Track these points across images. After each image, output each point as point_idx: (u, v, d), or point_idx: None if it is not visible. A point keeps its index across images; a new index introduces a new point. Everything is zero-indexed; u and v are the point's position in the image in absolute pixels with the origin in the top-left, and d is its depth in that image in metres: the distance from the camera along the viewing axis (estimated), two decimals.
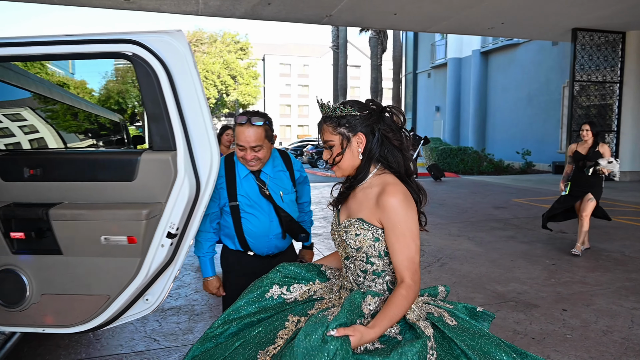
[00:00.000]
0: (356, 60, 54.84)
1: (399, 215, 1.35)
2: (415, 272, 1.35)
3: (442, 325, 1.34)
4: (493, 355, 1.28)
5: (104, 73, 30.93)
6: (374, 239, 1.41)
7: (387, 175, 1.46)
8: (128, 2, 10.86)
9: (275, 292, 1.53)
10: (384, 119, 1.47)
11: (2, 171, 1.98)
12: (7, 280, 1.99)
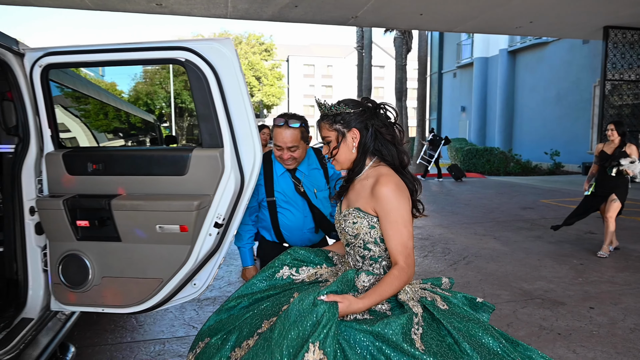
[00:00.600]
0: (380, 61, 54.62)
1: (391, 203, 1.46)
2: (409, 256, 1.45)
3: (432, 307, 1.43)
4: (480, 338, 1.36)
5: (133, 75, 31.83)
6: (369, 227, 1.51)
7: (381, 167, 1.57)
8: (160, 7, 11.24)
9: (285, 272, 1.67)
10: (377, 116, 1.59)
11: (68, 166, 2.21)
12: (71, 264, 2.22)
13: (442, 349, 1.32)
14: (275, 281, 1.65)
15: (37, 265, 2.30)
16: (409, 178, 1.58)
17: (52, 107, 2.27)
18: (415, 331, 1.35)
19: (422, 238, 6.28)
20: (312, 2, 10.31)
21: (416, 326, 1.37)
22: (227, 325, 1.55)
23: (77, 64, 2.18)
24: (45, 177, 2.25)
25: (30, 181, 2.24)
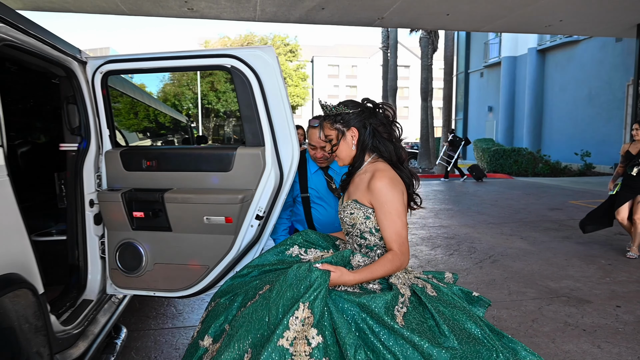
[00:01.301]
0: (405, 60, 54.28)
1: (386, 196, 1.58)
2: (403, 244, 1.57)
3: (420, 292, 1.55)
4: (462, 324, 1.46)
5: (161, 77, 32.72)
6: (365, 217, 1.64)
7: (379, 163, 1.70)
8: (192, 11, 11.63)
9: (295, 251, 1.82)
10: (376, 115, 1.72)
11: (125, 163, 2.45)
12: (127, 251, 2.45)
13: (421, 328, 1.42)
14: (284, 257, 1.81)
15: (96, 253, 2.55)
16: (405, 173, 1.71)
17: (110, 110, 2.51)
18: (398, 309, 1.47)
19: (448, 237, 6.35)
20: (339, 4, 10.47)
21: (400, 305, 1.48)
22: (236, 288, 1.72)
23: (133, 70, 2.42)
24: (104, 172, 2.49)
25: (90, 176, 2.49)
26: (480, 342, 1.40)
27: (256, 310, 1.46)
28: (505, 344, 1.48)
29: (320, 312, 1.38)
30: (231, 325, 1.49)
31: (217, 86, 29.20)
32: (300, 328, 1.34)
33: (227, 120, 33.49)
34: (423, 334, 1.38)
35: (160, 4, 10.85)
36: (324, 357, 1.32)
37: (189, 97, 30.30)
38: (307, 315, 1.36)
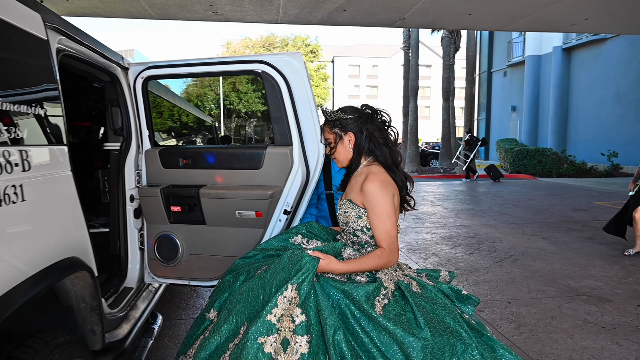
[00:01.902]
0: (427, 60, 53.82)
1: (376, 198, 1.68)
2: (392, 243, 1.67)
3: (405, 288, 1.66)
4: (441, 318, 1.54)
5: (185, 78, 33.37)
6: (357, 217, 1.75)
7: (373, 166, 1.81)
8: (216, 15, 11.92)
9: (298, 240, 1.96)
10: (373, 121, 1.84)
11: (163, 161, 2.64)
12: (165, 243, 2.65)
13: (399, 319, 1.52)
14: (288, 244, 1.95)
15: (135, 244, 2.75)
16: (399, 176, 1.82)
17: (149, 112, 2.71)
18: (379, 299, 1.58)
19: (469, 236, 6.39)
20: (360, 6, 10.58)
21: (382, 296, 1.59)
22: (240, 268, 1.88)
23: (171, 75, 2.61)
24: (144, 170, 2.69)
25: (131, 173, 2.70)
26: (458, 336, 1.48)
27: (252, 288, 1.61)
28: (484, 342, 1.58)
29: (306, 294, 1.52)
30: (231, 301, 1.65)
31: (239, 87, 29.63)
32: (287, 307, 1.49)
33: (248, 121, 33.91)
34: (399, 323, 1.49)
35: (186, 8, 11.17)
36: (305, 334, 1.46)
37: (211, 98, 30.87)
38: (294, 296, 1.51)
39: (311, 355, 1.43)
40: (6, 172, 1.25)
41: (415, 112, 19.61)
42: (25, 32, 1.49)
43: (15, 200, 1.28)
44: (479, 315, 3.57)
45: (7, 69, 1.38)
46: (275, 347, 1.42)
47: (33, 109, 1.47)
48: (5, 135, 1.28)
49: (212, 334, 1.55)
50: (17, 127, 1.34)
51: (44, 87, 1.57)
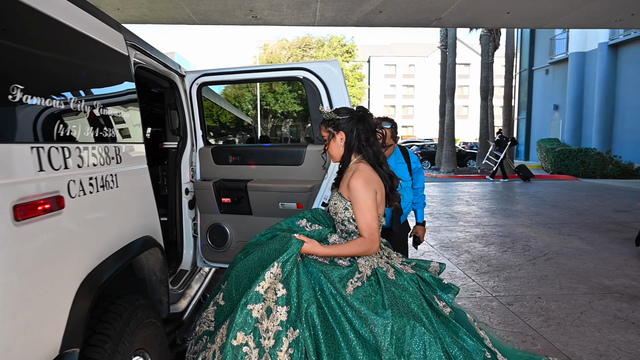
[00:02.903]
0: (465, 58, 52.76)
1: (359, 193, 1.89)
2: (372, 234, 1.87)
3: (381, 274, 1.87)
4: (407, 304, 1.76)
5: None
6: (344, 208, 1.97)
7: (361, 164, 1.99)
8: (256, 19, 12.36)
9: (303, 223, 2.19)
10: (364, 122, 2.02)
11: (215, 158, 2.96)
12: (216, 231, 2.97)
13: (367, 300, 1.75)
14: (293, 226, 2.19)
15: (189, 232, 3.10)
16: (382, 174, 2.01)
17: (203, 114, 3.04)
18: (352, 281, 1.81)
19: (503, 235, 6.43)
20: (396, 7, 10.69)
21: (356, 279, 1.83)
22: (250, 247, 2.13)
23: (223, 82, 2.93)
24: (198, 166, 3.03)
25: (186, 169, 3.04)
26: (419, 320, 1.73)
27: (254, 266, 1.90)
28: (450, 328, 1.80)
29: (288, 271, 1.79)
30: (237, 275, 1.94)
31: (275, 88, 30.20)
32: (272, 281, 1.76)
33: (284, 121, 34.46)
34: (365, 303, 1.75)
35: (227, 14, 11.66)
36: (285, 305, 1.73)
37: (249, 99, 31.68)
38: (278, 272, 1.78)
39: (289, 322, 1.71)
40: (107, 164, 1.57)
41: (452, 112, 19.40)
42: (114, 50, 1.82)
43: (113, 187, 1.60)
44: (508, 308, 3.70)
45: (103, 80, 1.71)
46: (261, 313, 1.69)
47: (122, 113, 1.80)
48: (106, 134, 1.61)
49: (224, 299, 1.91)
50: (112, 128, 1.67)
51: (128, 95, 1.89)
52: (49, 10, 1.34)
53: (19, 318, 1.08)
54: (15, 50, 1.18)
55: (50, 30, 1.35)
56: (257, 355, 1.63)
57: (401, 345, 1.67)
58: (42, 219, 1.15)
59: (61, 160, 1.27)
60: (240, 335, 1.63)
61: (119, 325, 1.53)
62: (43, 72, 1.30)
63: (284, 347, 1.66)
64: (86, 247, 1.41)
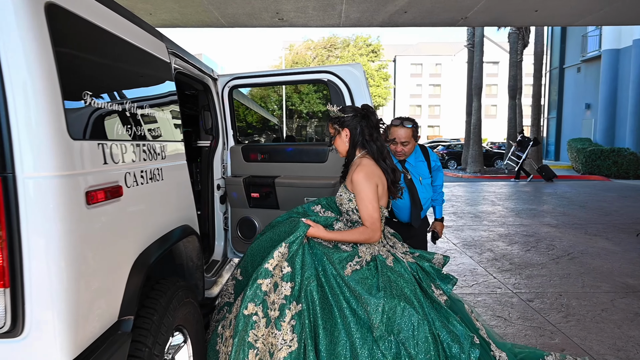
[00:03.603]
0: (493, 56, 51.78)
1: (360, 186, 2.03)
2: (373, 223, 2.02)
3: (380, 261, 2.03)
4: (401, 288, 1.92)
5: None
6: (348, 200, 2.12)
7: (365, 159, 2.14)
8: (282, 21, 12.61)
9: (317, 209, 2.35)
10: (367, 119, 2.15)
11: (245, 156, 3.17)
12: (245, 224, 3.17)
13: (363, 282, 1.94)
14: (308, 210, 2.36)
15: (220, 225, 3.31)
16: (385, 168, 2.14)
17: (234, 115, 3.25)
18: (351, 264, 1.98)
19: (527, 235, 6.43)
20: (422, 7, 10.73)
21: (354, 263, 1.99)
22: (267, 228, 2.31)
23: (253, 84, 3.13)
24: (229, 163, 3.24)
25: (218, 166, 3.25)
26: (410, 303, 1.89)
27: (266, 246, 2.10)
28: (442, 314, 1.94)
29: (294, 251, 1.97)
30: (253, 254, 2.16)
31: (301, 88, 30.48)
32: (280, 259, 1.93)
33: (309, 121, 34.70)
34: (361, 285, 1.92)
35: (254, 16, 11.95)
36: (290, 281, 1.92)
37: (274, 100, 32.10)
38: (285, 252, 1.96)
39: (292, 297, 1.90)
40: (154, 159, 1.78)
41: (479, 111, 19.18)
42: (158, 58, 2.03)
43: (158, 179, 1.81)
44: (528, 304, 3.76)
45: (151, 85, 1.93)
46: (269, 287, 1.88)
47: (165, 114, 2.02)
48: (153, 133, 1.82)
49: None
50: (158, 128, 1.88)
51: (170, 98, 2.11)
52: (111, 27, 1.55)
53: (93, 286, 1.29)
54: (86, 62, 1.40)
55: (111, 43, 1.56)
56: (265, 324, 1.81)
57: (391, 324, 1.84)
58: (105, 204, 1.36)
59: (120, 155, 1.49)
60: (251, 306, 1.82)
61: (163, 301, 1.74)
62: (105, 80, 1.52)
63: (287, 318, 1.85)
64: (138, 231, 1.62)
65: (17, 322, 1.12)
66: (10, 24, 1.12)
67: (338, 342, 1.85)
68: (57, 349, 1.15)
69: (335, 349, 1.84)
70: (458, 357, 1.84)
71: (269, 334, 1.82)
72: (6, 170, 1.10)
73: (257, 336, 1.78)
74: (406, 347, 1.81)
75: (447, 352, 1.86)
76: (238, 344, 1.77)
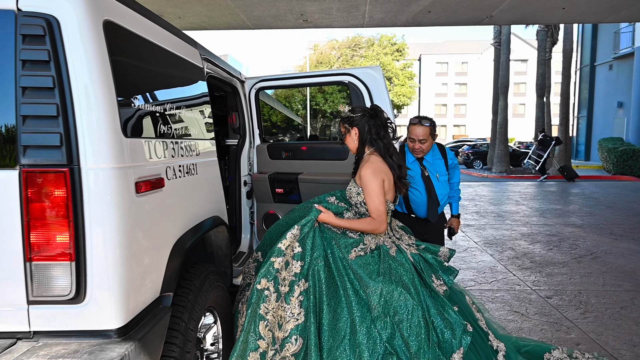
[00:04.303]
0: (522, 54, 50.66)
1: (367, 181, 2.19)
2: (379, 215, 2.17)
3: (383, 250, 2.18)
4: (400, 275, 2.09)
5: None
6: (357, 194, 2.28)
7: (373, 156, 2.28)
8: (306, 22, 12.81)
9: (332, 199, 2.49)
10: (375, 119, 2.29)
11: (270, 153, 3.36)
12: (270, 218, 3.36)
13: (365, 267, 2.09)
14: (324, 201, 2.50)
15: (246, 219, 3.51)
16: (391, 164, 2.28)
17: (260, 115, 3.44)
18: (356, 250, 2.14)
19: (550, 234, 6.41)
20: (446, 6, 10.72)
21: (359, 249, 2.15)
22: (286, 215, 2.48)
23: (278, 86, 3.32)
24: (255, 160, 3.44)
25: (245, 163, 3.45)
26: (407, 289, 2.05)
27: (282, 229, 2.28)
28: (439, 302, 2.09)
29: (305, 233, 2.16)
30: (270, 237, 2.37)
31: (325, 88, 30.62)
32: (291, 240, 2.12)
33: (333, 121, 34.82)
34: (363, 269, 2.09)
35: (279, 18, 12.19)
36: (300, 260, 2.10)
37: (299, 99, 32.39)
38: (297, 233, 2.14)
39: (301, 275, 2.08)
40: (189, 155, 1.98)
41: (505, 111, 18.90)
42: (193, 64, 2.24)
43: (193, 174, 2.01)
44: (546, 300, 3.81)
45: (186, 89, 2.13)
46: (281, 265, 2.05)
47: (198, 115, 2.22)
48: (189, 132, 2.02)
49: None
50: (192, 127, 2.08)
51: (203, 100, 2.31)
52: (154, 39, 1.76)
53: (141, 264, 1.49)
54: (135, 69, 1.61)
55: (154, 52, 1.77)
56: (275, 298, 1.99)
57: (388, 307, 2.00)
58: (151, 194, 1.55)
59: (162, 151, 1.68)
60: (264, 281, 2.00)
61: (197, 283, 1.94)
62: (150, 84, 1.72)
63: (295, 294, 2.03)
64: (176, 219, 1.81)
65: (80, 291, 1.33)
66: (76, 38, 1.32)
67: (340, 318, 2.03)
68: (111, 315, 1.36)
69: (336, 324, 2.02)
70: (450, 342, 1.99)
71: (279, 308, 2.00)
72: (73, 163, 1.31)
73: (268, 309, 1.96)
74: (400, 328, 1.97)
75: (439, 337, 2.01)
76: (250, 315, 1.96)
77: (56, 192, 1.29)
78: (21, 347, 1.33)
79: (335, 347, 1.97)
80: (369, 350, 1.94)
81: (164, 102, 1.79)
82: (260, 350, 1.91)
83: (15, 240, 1.30)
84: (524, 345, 2.47)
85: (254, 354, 1.90)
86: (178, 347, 1.70)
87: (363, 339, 1.96)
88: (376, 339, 1.97)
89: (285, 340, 1.97)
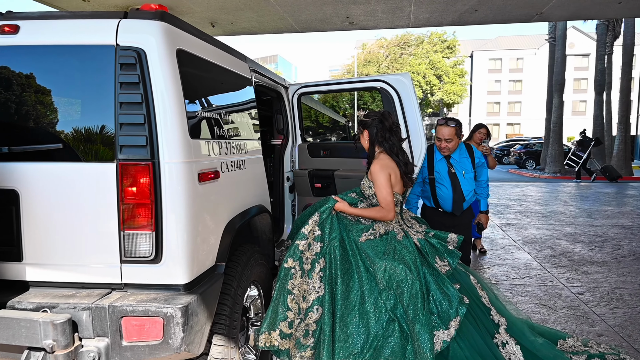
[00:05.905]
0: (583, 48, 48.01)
1: (376, 176, 2.52)
2: (387, 205, 2.48)
3: (391, 234, 2.49)
4: (402, 256, 2.38)
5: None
6: (368, 187, 2.60)
7: (382, 154, 2.60)
8: (352, 24, 13.08)
9: (352, 194, 2.75)
10: (383, 123, 2.59)
11: (310, 152, 3.74)
12: None
13: (373, 248, 2.42)
14: (345, 196, 2.76)
15: (289, 211, 3.92)
16: (398, 161, 2.58)
17: (301, 118, 3.84)
18: (366, 234, 2.47)
19: (594, 235, 6.33)
20: (492, 4, 10.61)
21: (369, 233, 2.47)
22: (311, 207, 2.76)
23: (318, 92, 3.69)
24: (297, 158, 3.84)
25: (288, 161, 3.86)
26: (408, 266, 2.35)
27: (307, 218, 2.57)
28: (440, 279, 2.38)
29: (324, 219, 2.51)
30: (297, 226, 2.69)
31: None
32: (313, 225, 2.47)
33: None
34: (372, 249, 2.42)
35: (326, 21, 12.58)
36: (320, 242, 2.44)
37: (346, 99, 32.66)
38: (317, 219, 2.49)
39: (321, 254, 2.42)
40: (239, 153, 2.40)
41: (560, 109, 18.20)
42: (244, 77, 2.66)
43: (242, 168, 2.43)
44: (577, 296, 3.92)
45: (238, 98, 2.56)
46: (304, 247, 2.40)
47: (247, 119, 2.64)
48: (239, 133, 2.45)
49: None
50: (242, 129, 2.51)
51: (250, 104, 2.73)
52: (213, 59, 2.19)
53: (201, 236, 1.91)
54: (198, 83, 2.04)
55: (213, 69, 2.20)
56: (300, 275, 2.36)
57: (391, 281, 2.33)
58: (209, 183, 1.98)
59: (217, 150, 2.11)
60: (290, 261, 2.38)
61: (244, 258, 2.35)
62: (209, 95, 2.15)
63: (316, 270, 2.39)
64: (228, 204, 2.23)
65: (158, 254, 1.77)
66: (157, 64, 1.76)
67: (351, 290, 2.38)
68: (180, 273, 1.79)
69: (348, 295, 2.37)
70: (447, 312, 2.31)
71: (303, 282, 2.37)
72: (154, 158, 1.75)
73: (294, 284, 2.34)
74: (402, 299, 2.30)
75: (438, 308, 2.33)
76: (279, 289, 2.33)
77: (142, 180, 1.74)
78: (115, 295, 1.80)
79: (346, 314, 2.32)
80: (375, 317, 2.30)
81: (219, 109, 2.22)
82: (289, 320, 2.29)
83: (113, 214, 1.76)
84: (538, 326, 2.68)
85: (284, 323, 2.28)
86: (228, 307, 2.12)
87: (370, 308, 2.31)
88: (382, 308, 2.31)
89: (308, 310, 2.34)
